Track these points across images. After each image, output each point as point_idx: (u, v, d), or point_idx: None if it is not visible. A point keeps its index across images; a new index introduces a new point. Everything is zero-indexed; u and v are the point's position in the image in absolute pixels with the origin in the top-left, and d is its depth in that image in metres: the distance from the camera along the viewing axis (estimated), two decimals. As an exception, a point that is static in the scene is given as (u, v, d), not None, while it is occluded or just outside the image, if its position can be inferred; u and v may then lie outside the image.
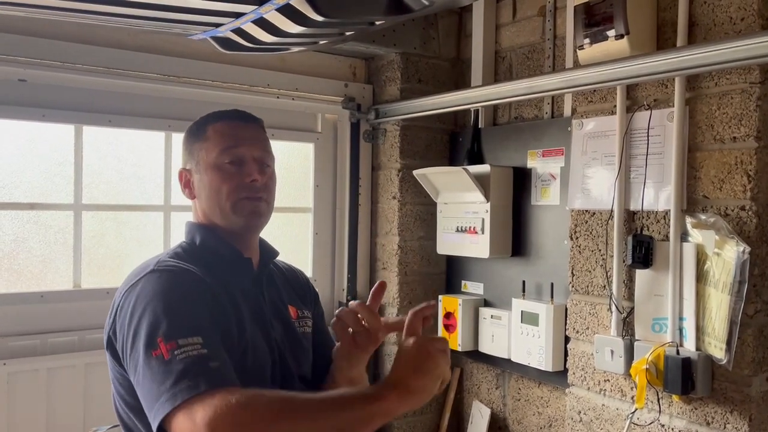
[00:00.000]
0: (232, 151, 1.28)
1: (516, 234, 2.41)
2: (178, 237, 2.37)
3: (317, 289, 1.54)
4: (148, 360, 1.05)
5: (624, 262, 1.93)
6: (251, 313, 1.25)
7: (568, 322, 2.14)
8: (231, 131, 1.31)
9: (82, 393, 2.19)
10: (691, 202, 1.80)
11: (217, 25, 1.82)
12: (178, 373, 1.01)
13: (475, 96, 2.36)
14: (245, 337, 1.20)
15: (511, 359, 2.35)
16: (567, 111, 2.27)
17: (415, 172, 2.54)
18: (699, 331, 1.74)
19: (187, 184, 1.35)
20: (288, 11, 1.62)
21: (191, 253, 1.28)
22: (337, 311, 1.31)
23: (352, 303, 1.31)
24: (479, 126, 2.59)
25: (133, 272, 1.23)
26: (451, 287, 2.72)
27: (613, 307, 1.95)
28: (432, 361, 1.08)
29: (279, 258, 1.44)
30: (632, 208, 1.94)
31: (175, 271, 1.19)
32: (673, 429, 1.82)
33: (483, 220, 2.38)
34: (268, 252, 1.40)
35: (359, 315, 1.28)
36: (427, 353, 1.09)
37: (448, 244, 2.56)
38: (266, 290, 1.33)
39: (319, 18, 1.62)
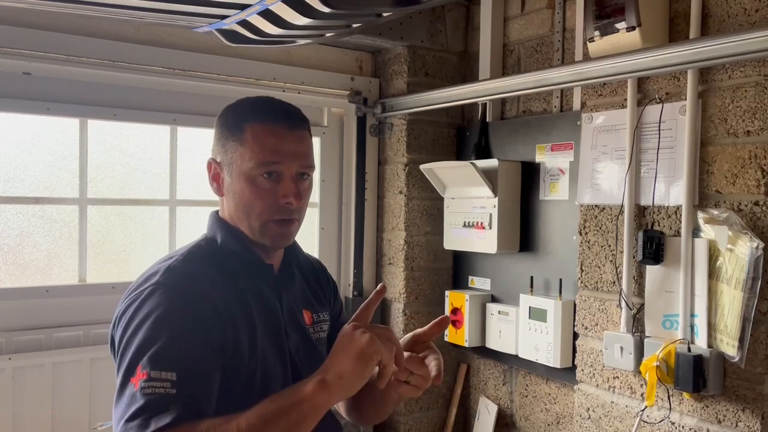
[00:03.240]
0: (271, 167, 1.18)
1: (524, 229, 2.38)
2: (184, 232, 2.40)
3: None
4: (124, 384, 1.04)
5: (634, 257, 1.90)
6: (266, 325, 1.20)
7: (576, 318, 2.11)
8: (272, 141, 1.18)
9: (88, 388, 2.18)
10: (703, 197, 1.78)
11: (223, 17, 1.80)
12: (136, 409, 1.00)
13: (483, 90, 2.33)
14: (256, 354, 1.16)
15: (519, 355, 2.33)
16: (576, 105, 2.24)
17: (422, 167, 2.52)
18: (711, 328, 1.72)
19: (216, 178, 1.25)
20: (294, 3, 1.60)
21: (210, 253, 1.21)
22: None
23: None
24: (487, 120, 2.56)
25: (143, 276, 1.17)
26: (458, 283, 2.70)
27: (623, 304, 1.92)
28: (353, 342, 1.05)
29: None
30: (643, 203, 1.91)
31: (180, 287, 1.12)
32: (683, 427, 1.79)
33: (491, 215, 2.36)
34: (292, 251, 1.32)
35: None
36: (350, 337, 1.06)
37: (455, 239, 2.53)
38: (284, 296, 1.28)
39: (326, 9, 1.60)
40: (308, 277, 1.39)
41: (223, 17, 1.80)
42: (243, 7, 1.68)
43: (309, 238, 2.73)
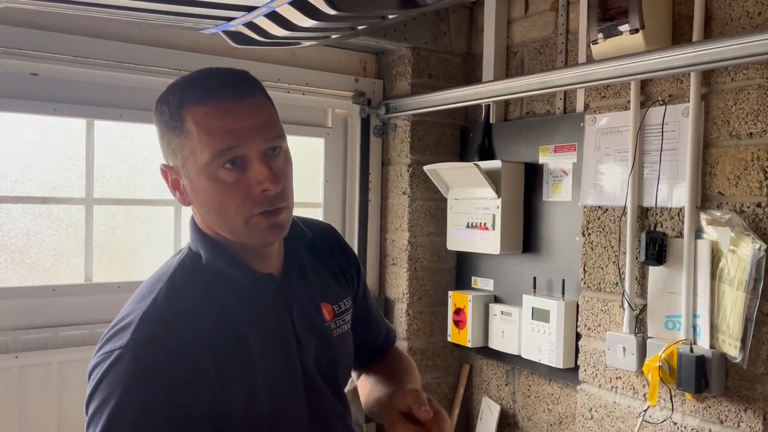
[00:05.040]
0: (229, 154, 0.95)
1: (527, 230, 2.39)
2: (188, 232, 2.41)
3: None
4: None
5: (637, 258, 1.91)
6: (271, 351, 1.04)
7: (579, 318, 2.13)
8: (221, 122, 0.95)
9: (93, 386, 2.20)
10: (705, 198, 1.79)
11: (229, 19, 1.82)
12: None
13: (487, 91, 2.34)
14: (257, 395, 1.01)
15: (522, 356, 2.34)
16: (579, 106, 2.25)
17: (425, 168, 2.53)
18: (713, 328, 1.73)
19: (176, 186, 1.03)
20: (300, 5, 1.61)
21: (195, 276, 1.03)
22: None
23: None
24: (490, 121, 2.57)
25: (120, 318, 1.00)
26: (461, 283, 2.71)
27: (626, 304, 1.93)
28: None
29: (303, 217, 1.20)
30: (645, 204, 1.92)
31: (152, 354, 0.93)
32: (685, 427, 1.80)
33: (494, 216, 2.37)
34: (292, 239, 1.10)
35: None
36: None
37: (458, 239, 2.55)
38: (294, 301, 1.09)
39: (332, 11, 1.62)
40: (324, 257, 1.20)
41: (230, 19, 1.81)
42: (249, 9, 1.70)
43: (313, 238, 2.74)
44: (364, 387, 1.27)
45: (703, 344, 1.75)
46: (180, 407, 0.92)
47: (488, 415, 2.59)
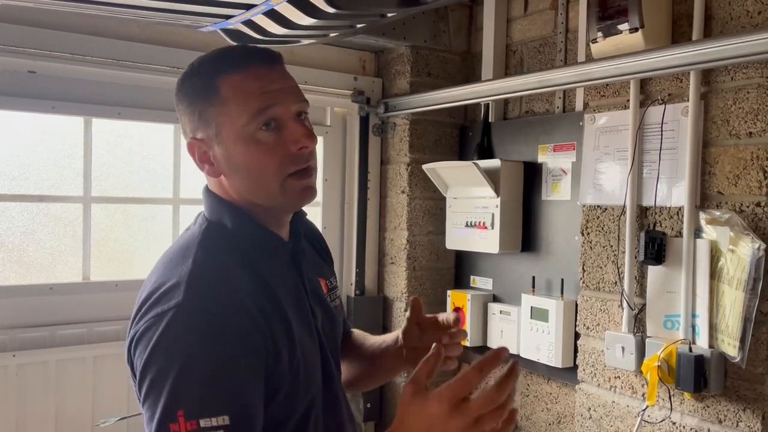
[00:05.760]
0: (266, 114, 1.01)
1: (526, 229, 2.39)
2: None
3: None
4: (162, 429, 0.89)
5: (636, 258, 1.91)
6: (297, 314, 1.06)
7: (578, 318, 2.12)
8: (256, 85, 1.02)
9: (91, 385, 2.19)
10: (705, 198, 1.78)
11: (228, 17, 1.81)
12: None
13: (486, 90, 2.34)
14: (296, 353, 1.02)
15: (521, 355, 2.34)
16: (579, 105, 2.25)
17: (424, 167, 2.52)
18: (712, 328, 1.73)
19: (205, 159, 1.06)
20: (299, 3, 1.61)
21: (223, 240, 1.04)
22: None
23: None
24: (489, 120, 2.57)
25: (159, 283, 0.97)
26: (460, 282, 2.70)
27: (625, 304, 1.93)
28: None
29: None
30: (645, 203, 1.92)
31: (210, 305, 0.94)
32: (684, 427, 1.80)
33: (493, 215, 2.37)
34: (297, 218, 1.16)
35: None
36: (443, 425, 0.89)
37: (457, 239, 2.54)
38: (304, 273, 1.14)
39: (331, 10, 1.61)
40: (313, 241, 1.27)
41: (228, 17, 1.81)
42: (248, 7, 1.69)
43: (311, 237, 2.74)
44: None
45: (702, 344, 1.74)
46: (249, 356, 0.93)
47: (487, 415, 2.58)
